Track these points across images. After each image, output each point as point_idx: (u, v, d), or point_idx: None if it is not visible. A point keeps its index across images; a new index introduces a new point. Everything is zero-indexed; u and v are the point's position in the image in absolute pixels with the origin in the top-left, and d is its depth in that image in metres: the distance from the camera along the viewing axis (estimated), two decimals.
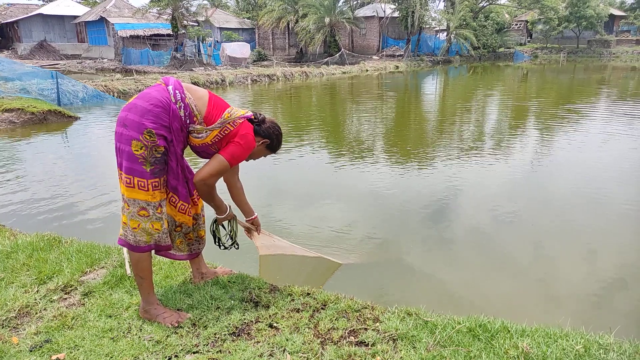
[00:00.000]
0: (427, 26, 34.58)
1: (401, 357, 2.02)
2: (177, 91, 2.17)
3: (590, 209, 4.99)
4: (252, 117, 2.39)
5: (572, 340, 2.09)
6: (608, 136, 8.54)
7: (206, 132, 2.25)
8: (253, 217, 2.76)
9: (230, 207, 2.59)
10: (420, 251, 4.04)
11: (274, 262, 2.95)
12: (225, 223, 2.68)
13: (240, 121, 2.31)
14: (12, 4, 37.70)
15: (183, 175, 2.34)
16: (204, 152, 2.35)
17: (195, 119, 2.22)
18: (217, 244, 2.72)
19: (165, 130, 2.13)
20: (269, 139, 2.45)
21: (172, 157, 2.22)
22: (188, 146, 2.35)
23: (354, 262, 3.67)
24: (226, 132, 2.27)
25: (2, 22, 34.90)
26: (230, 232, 2.69)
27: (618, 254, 3.99)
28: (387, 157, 7.42)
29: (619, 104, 12.97)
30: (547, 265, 3.79)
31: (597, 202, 5.18)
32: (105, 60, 29.32)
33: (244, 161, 2.54)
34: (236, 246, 2.74)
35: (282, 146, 2.59)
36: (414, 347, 2.09)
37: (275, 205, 5.12)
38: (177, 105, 2.16)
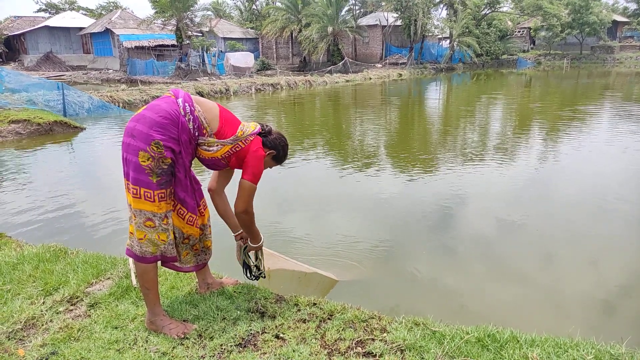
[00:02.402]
0: (430, 34, 34.74)
1: None
2: (186, 104, 2.19)
3: (598, 216, 4.95)
4: (260, 130, 2.40)
5: (583, 351, 2.06)
6: (614, 142, 8.50)
7: (217, 145, 2.27)
8: (240, 231, 2.69)
9: (263, 237, 2.63)
10: (426, 260, 4.02)
11: (274, 278, 2.94)
12: (254, 253, 2.70)
13: (252, 138, 2.35)
14: (18, 17, 38.24)
15: (191, 187, 2.34)
16: (213, 165, 2.38)
17: (204, 131, 2.24)
18: (246, 273, 2.71)
19: (173, 143, 2.14)
20: (275, 150, 2.47)
21: (181, 168, 2.23)
22: (195, 158, 2.37)
23: (355, 275, 3.63)
24: (237, 149, 2.32)
25: (9, 34, 35.38)
26: (258, 261, 2.70)
27: (627, 261, 3.95)
28: (391, 164, 7.41)
29: (624, 109, 12.93)
30: (554, 273, 3.75)
31: (604, 208, 5.14)
32: (111, 71, 29.59)
33: None
34: (264, 275, 2.75)
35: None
36: (422, 358, 2.06)
37: (277, 215, 5.11)
38: (186, 118, 2.17)
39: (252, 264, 2.68)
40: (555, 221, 4.79)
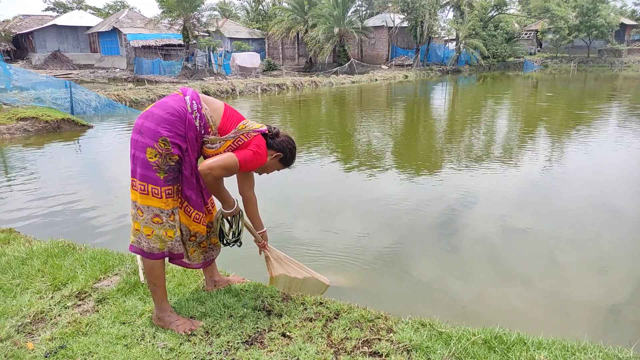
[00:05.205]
0: (436, 36, 34.69)
1: None
2: (193, 101, 2.20)
3: (605, 220, 4.92)
4: (267, 131, 2.40)
5: (591, 354, 2.06)
6: (622, 144, 8.45)
7: (220, 142, 2.26)
8: (262, 230, 2.74)
9: (237, 201, 2.50)
10: (431, 263, 4.01)
11: (281, 279, 2.95)
12: (231, 219, 2.56)
13: (254, 134, 2.32)
14: (27, 16, 38.54)
15: (198, 185, 2.35)
16: None
17: (210, 129, 2.24)
18: (220, 239, 2.57)
19: (180, 139, 2.15)
20: (282, 152, 2.46)
21: (187, 166, 2.24)
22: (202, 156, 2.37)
23: (358, 279, 3.61)
24: (239, 143, 2.28)
25: (18, 33, 35.66)
26: (235, 228, 2.57)
27: (635, 266, 3.93)
28: (397, 166, 7.41)
29: (633, 112, 12.85)
30: (561, 276, 3.74)
31: (611, 211, 5.11)
32: (118, 70, 29.75)
33: (258, 175, 2.56)
34: (239, 244, 2.62)
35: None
36: (428, 359, 2.06)
37: (282, 217, 5.12)
38: (193, 115, 2.18)
39: (225, 230, 2.55)
40: (562, 225, 4.77)
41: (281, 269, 2.93)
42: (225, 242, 2.59)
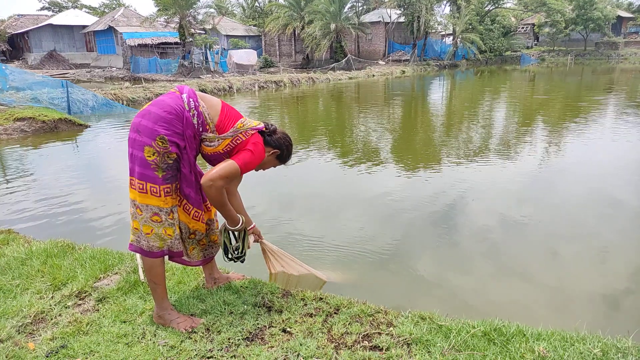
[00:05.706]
0: (433, 31, 34.66)
1: None
2: (191, 99, 2.20)
3: (603, 210, 4.94)
4: (264, 128, 2.40)
5: (590, 344, 2.07)
6: (621, 138, 8.46)
7: (218, 140, 2.27)
8: (252, 226, 2.69)
9: (243, 219, 2.49)
10: (429, 257, 4.02)
11: (280, 275, 2.95)
12: (237, 233, 2.57)
13: (252, 132, 2.33)
14: (22, 15, 38.34)
15: (196, 183, 2.35)
16: (215, 160, 2.36)
17: (207, 127, 2.25)
18: (224, 254, 2.58)
19: (178, 137, 2.15)
20: (279, 149, 2.47)
21: (185, 164, 2.24)
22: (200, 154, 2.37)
23: (358, 276, 3.61)
24: (238, 141, 2.29)
25: (13, 32, 35.48)
26: (240, 243, 2.57)
27: (633, 257, 3.94)
28: (395, 161, 7.41)
29: (631, 104, 12.86)
30: (560, 269, 3.75)
31: (610, 202, 5.13)
32: (114, 68, 29.64)
33: (254, 171, 2.56)
34: (242, 260, 2.62)
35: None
36: (428, 352, 2.08)
37: (280, 215, 5.12)
38: (191, 113, 2.18)
39: (229, 245, 2.55)
40: (561, 217, 4.79)
41: (278, 265, 2.94)
42: (228, 257, 2.59)
